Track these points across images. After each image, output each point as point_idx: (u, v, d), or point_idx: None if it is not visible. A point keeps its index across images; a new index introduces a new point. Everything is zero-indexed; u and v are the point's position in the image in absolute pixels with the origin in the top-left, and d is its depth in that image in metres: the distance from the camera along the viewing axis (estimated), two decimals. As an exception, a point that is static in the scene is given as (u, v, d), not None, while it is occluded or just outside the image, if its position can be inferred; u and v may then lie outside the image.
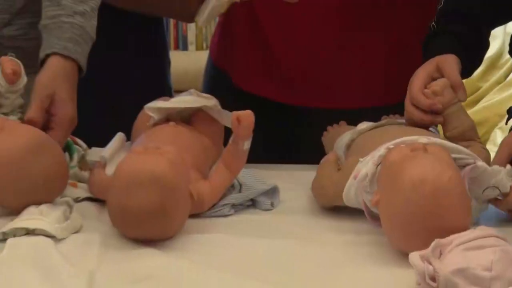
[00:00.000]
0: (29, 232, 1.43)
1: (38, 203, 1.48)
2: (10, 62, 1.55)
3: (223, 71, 2.10)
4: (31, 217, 1.45)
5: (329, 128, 1.83)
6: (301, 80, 1.99)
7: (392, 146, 1.48)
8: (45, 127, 1.61)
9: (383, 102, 1.89)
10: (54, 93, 1.58)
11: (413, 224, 1.38)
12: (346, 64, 1.97)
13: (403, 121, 1.73)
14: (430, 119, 1.62)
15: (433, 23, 1.71)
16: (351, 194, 1.47)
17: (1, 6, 1.80)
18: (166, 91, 2.16)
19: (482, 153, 1.61)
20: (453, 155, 1.47)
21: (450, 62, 1.61)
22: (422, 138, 1.49)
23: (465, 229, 1.36)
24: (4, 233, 1.41)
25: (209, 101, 1.70)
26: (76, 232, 1.47)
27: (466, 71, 1.65)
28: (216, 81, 2.15)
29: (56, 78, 1.61)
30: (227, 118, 1.62)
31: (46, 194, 1.50)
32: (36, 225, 1.43)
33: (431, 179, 1.38)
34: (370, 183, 1.45)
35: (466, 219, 1.41)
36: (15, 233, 1.43)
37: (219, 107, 1.69)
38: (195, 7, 2.04)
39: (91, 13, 1.68)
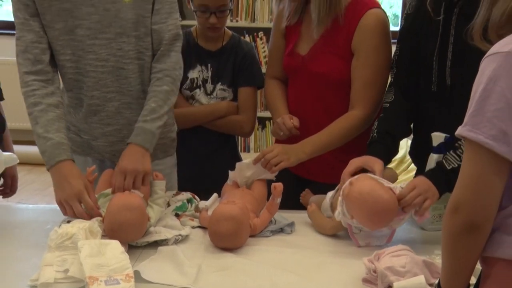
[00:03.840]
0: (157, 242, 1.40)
1: (129, 239, 1.38)
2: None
3: None
4: (160, 233, 1.43)
5: (302, 194, 1.71)
6: (310, 168, 1.74)
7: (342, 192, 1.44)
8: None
9: None
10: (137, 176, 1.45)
11: (366, 212, 1.37)
12: (333, 162, 1.69)
13: None
14: None
15: (375, 134, 1.56)
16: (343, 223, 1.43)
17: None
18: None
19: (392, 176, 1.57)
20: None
21: (378, 165, 1.47)
22: None
23: (395, 210, 1.37)
24: (139, 243, 1.39)
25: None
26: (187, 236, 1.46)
27: (386, 165, 1.54)
28: None
29: (134, 158, 1.46)
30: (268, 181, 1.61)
31: (128, 234, 1.37)
32: (164, 237, 1.42)
33: (367, 187, 1.38)
34: (342, 215, 1.41)
35: (394, 204, 1.37)
36: (146, 243, 1.40)
37: (265, 180, 1.65)
38: (248, 130, 1.98)
39: (150, 122, 1.50)
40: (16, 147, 2.00)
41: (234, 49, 1.94)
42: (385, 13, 1.62)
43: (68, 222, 1.40)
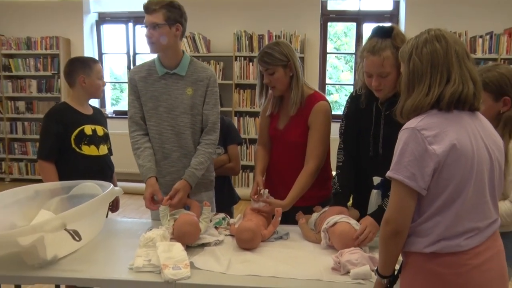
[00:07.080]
0: (204, 243, 1.39)
1: (188, 243, 1.37)
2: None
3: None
4: (206, 238, 1.42)
5: (297, 214, 1.59)
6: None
7: (326, 225, 1.40)
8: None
9: (319, 201, 1.63)
10: (184, 195, 1.51)
11: (342, 244, 1.34)
12: (306, 194, 1.61)
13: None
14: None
15: (338, 187, 1.51)
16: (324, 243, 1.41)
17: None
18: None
19: (355, 214, 1.48)
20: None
21: (346, 212, 1.46)
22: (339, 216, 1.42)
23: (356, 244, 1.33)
24: (193, 245, 1.38)
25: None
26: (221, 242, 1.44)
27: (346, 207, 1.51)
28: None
29: (182, 189, 1.52)
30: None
31: (188, 239, 1.37)
32: (208, 241, 1.41)
33: (346, 229, 1.37)
34: (325, 243, 1.40)
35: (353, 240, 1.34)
36: (197, 244, 1.38)
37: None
38: (237, 171, 1.96)
39: (198, 170, 1.57)
40: (122, 183, 2.00)
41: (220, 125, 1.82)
42: (329, 103, 1.66)
43: (150, 230, 1.41)
